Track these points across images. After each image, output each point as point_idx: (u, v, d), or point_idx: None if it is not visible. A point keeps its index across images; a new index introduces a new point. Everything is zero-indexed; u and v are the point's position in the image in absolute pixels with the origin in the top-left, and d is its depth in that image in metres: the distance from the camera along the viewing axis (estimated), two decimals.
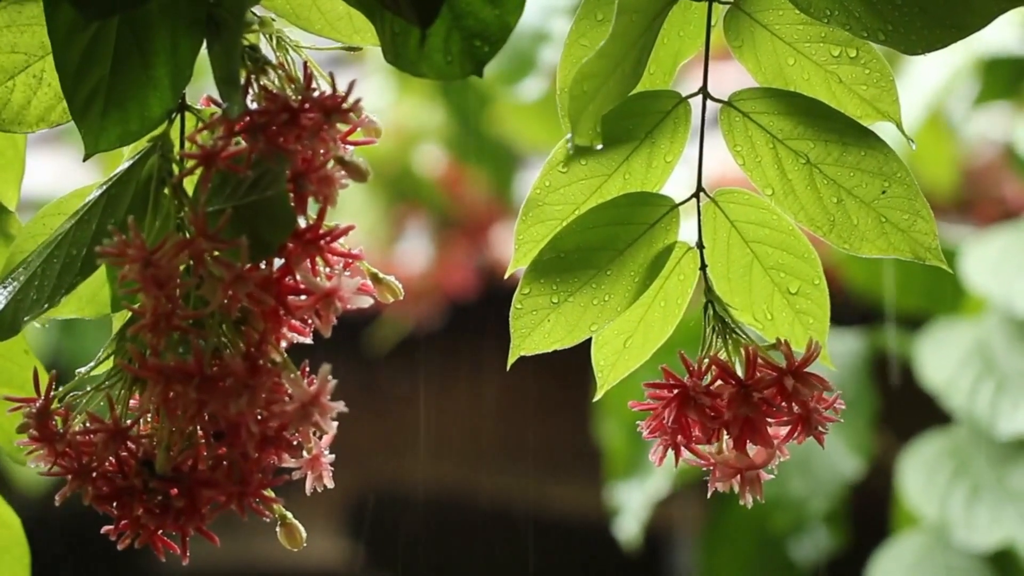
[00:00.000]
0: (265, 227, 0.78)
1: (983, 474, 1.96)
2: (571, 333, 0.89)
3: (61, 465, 0.80)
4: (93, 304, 0.87)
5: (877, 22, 0.86)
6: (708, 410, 0.86)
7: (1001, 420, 1.94)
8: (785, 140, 0.89)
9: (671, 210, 0.90)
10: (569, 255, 0.89)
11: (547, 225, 0.89)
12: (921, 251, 0.88)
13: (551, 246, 0.89)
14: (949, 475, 1.97)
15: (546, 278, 0.89)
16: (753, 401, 0.85)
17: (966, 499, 1.95)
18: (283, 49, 0.85)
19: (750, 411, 0.85)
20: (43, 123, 0.88)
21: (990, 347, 1.99)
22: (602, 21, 0.89)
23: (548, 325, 0.89)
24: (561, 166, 0.89)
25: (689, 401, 0.86)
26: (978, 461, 1.97)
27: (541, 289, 0.89)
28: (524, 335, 0.89)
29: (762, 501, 0.87)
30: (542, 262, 0.89)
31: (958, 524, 1.94)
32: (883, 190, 0.88)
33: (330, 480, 0.83)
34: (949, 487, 1.96)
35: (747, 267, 0.91)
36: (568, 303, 0.89)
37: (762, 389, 0.85)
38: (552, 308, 0.89)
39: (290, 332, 0.81)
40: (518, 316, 0.89)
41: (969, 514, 1.94)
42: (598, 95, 0.82)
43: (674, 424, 0.86)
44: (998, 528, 1.92)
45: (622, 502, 2.10)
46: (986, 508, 1.94)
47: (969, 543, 1.93)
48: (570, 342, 0.90)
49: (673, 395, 0.86)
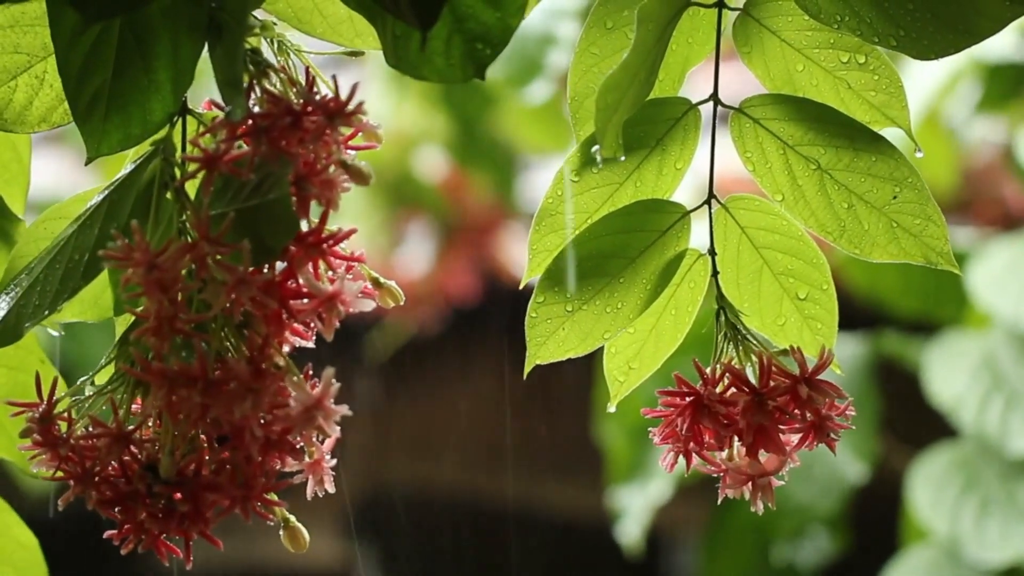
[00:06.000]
0: (268, 231, 0.78)
1: (993, 489, 1.96)
2: (585, 341, 0.89)
3: (64, 470, 0.79)
4: (96, 308, 0.87)
5: (888, 27, 0.86)
6: (722, 418, 0.85)
7: (1012, 438, 1.93)
8: (796, 146, 0.89)
9: (683, 217, 0.90)
10: (583, 263, 0.89)
11: (560, 234, 0.89)
12: (933, 256, 0.88)
13: (564, 254, 0.89)
14: (958, 490, 1.97)
15: (560, 286, 0.89)
16: (768, 409, 0.85)
17: (976, 514, 1.95)
18: (285, 53, 0.85)
19: (764, 419, 0.85)
20: (45, 124, 0.88)
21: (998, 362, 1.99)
22: (612, 29, 0.89)
23: (563, 333, 0.89)
24: (573, 175, 0.89)
25: (703, 409, 0.85)
26: (987, 476, 1.97)
27: (555, 297, 0.89)
28: (540, 343, 0.89)
29: (773, 508, 0.87)
30: (556, 270, 0.89)
31: (969, 540, 1.93)
32: (894, 195, 0.88)
33: (331, 485, 0.83)
34: (958, 502, 1.96)
35: (756, 273, 0.90)
36: (582, 311, 0.89)
37: (776, 397, 0.85)
38: (567, 316, 0.89)
39: (293, 336, 0.81)
40: (533, 324, 0.89)
41: (979, 530, 1.94)
42: (620, 106, 0.82)
43: (688, 432, 0.86)
44: (1008, 545, 1.92)
45: (623, 506, 2.10)
46: (996, 524, 1.93)
47: (980, 559, 1.93)
48: (583, 350, 0.89)
49: (687, 403, 0.86)
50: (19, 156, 0.93)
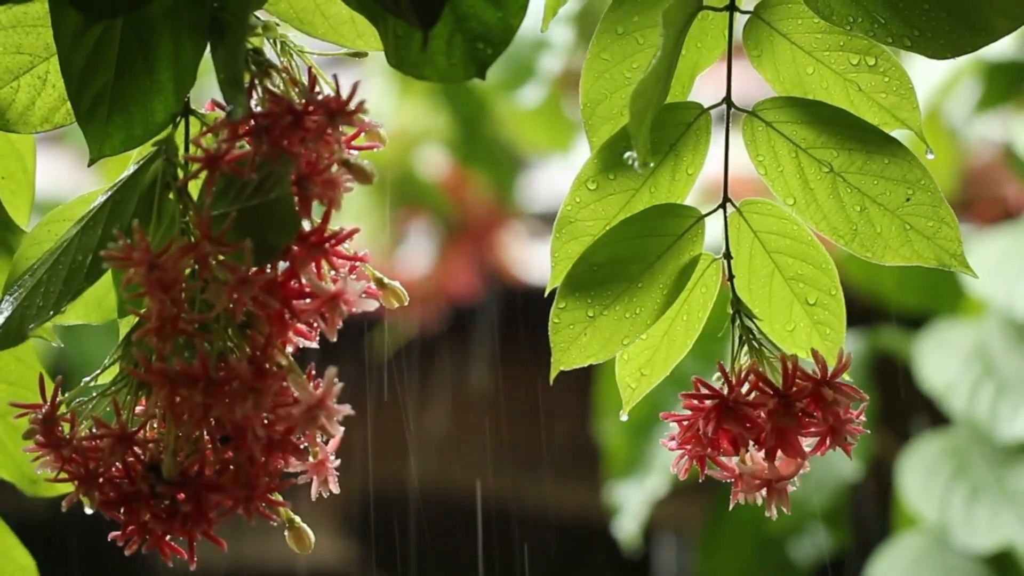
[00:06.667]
0: (270, 230, 0.78)
1: (982, 475, 1.96)
2: (605, 347, 0.89)
3: (68, 471, 0.80)
4: (99, 310, 0.87)
5: (903, 27, 0.86)
6: (747, 421, 0.85)
7: (1001, 424, 1.94)
8: (808, 149, 0.89)
9: (697, 221, 0.89)
10: (602, 268, 0.89)
11: (581, 241, 0.89)
12: (946, 258, 0.88)
13: (584, 259, 0.89)
14: (948, 476, 1.97)
15: (581, 292, 0.89)
16: (793, 412, 0.85)
17: (965, 500, 1.95)
18: (287, 54, 0.85)
19: (790, 422, 0.84)
20: (47, 124, 0.88)
21: (990, 350, 1.99)
22: (623, 35, 0.89)
23: (585, 339, 0.89)
24: (590, 183, 0.89)
25: (728, 412, 0.85)
26: (977, 462, 1.97)
27: (577, 303, 0.89)
28: (564, 349, 0.89)
29: (788, 512, 0.86)
30: (576, 276, 0.89)
31: (957, 525, 1.94)
32: (907, 197, 0.88)
33: (336, 485, 0.83)
34: (948, 488, 1.96)
35: (768, 278, 0.90)
36: (604, 316, 0.89)
37: (801, 399, 0.85)
38: (588, 322, 0.89)
39: (295, 336, 0.81)
40: (556, 331, 0.89)
41: (968, 515, 1.94)
42: (648, 111, 0.82)
43: (712, 435, 0.85)
44: (997, 530, 1.92)
45: (621, 501, 2.10)
46: (985, 509, 1.94)
47: (968, 544, 1.93)
48: (605, 356, 0.89)
49: (712, 406, 0.85)
50: (25, 166, 0.92)
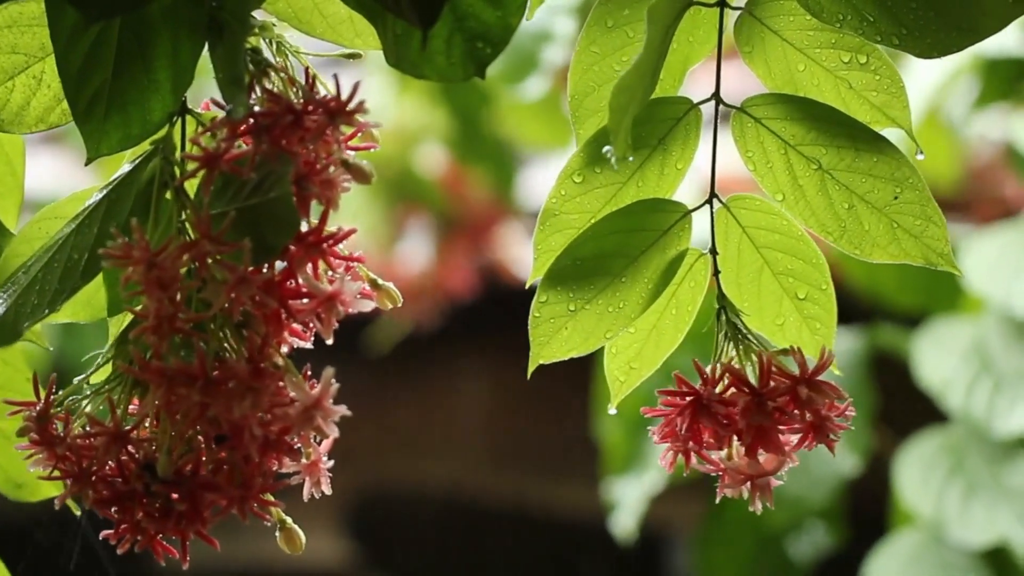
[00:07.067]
0: (268, 230, 0.78)
1: (979, 472, 1.96)
2: (587, 341, 0.89)
3: (61, 469, 0.79)
4: (89, 308, 0.86)
5: (891, 26, 0.86)
6: (721, 418, 0.85)
7: (998, 420, 1.94)
8: (797, 146, 0.89)
9: (684, 216, 0.89)
10: (585, 262, 0.89)
11: (565, 234, 0.89)
12: (933, 256, 0.88)
13: (567, 253, 0.89)
14: (945, 473, 1.97)
15: (563, 286, 0.89)
16: (767, 410, 0.85)
17: (961, 497, 1.95)
18: (283, 54, 0.85)
19: (764, 420, 0.85)
20: (42, 124, 0.87)
21: (987, 347, 1.99)
22: (612, 28, 0.89)
23: (566, 333, 0.89)
24: (576, 176, 0.89)
25: (703, 409, 0.86)
26: (974, 459, 1.97)
27: (558, 297, 0.89)
28: (543, 343, 0.89)
29: (772, 507, 0.87)
30: (559, 269, 0.89)
31: (953, 522, 1.94)
32: (895, 195, 0.88)
33: (328, 486, 0.83)
34: (945, 485, 1.96)
35: (757, 273, 0.90)
36: (585, 311, 0.89)
37: (776, 398, 0.85)
38: (569, 316, 0.89)
39: (291, 336, 0.81)
40: (536, 324, 0.89)
41: (964, 512, 1.94)
42: (630, 107, 0.82)
43: (687, 431, 0.86)
44: (993, 526, 1.92)
45: (619, 497, 2.10)
46: (981, 506, 1.94)
47: (964, 541, 1.93)
48: (586, 350, 0.89)
49: (687, 403, 0.86)
50: (13, 169, 0.92)
